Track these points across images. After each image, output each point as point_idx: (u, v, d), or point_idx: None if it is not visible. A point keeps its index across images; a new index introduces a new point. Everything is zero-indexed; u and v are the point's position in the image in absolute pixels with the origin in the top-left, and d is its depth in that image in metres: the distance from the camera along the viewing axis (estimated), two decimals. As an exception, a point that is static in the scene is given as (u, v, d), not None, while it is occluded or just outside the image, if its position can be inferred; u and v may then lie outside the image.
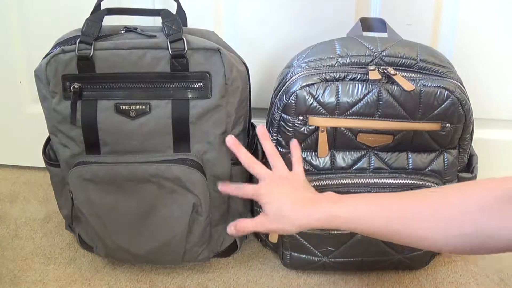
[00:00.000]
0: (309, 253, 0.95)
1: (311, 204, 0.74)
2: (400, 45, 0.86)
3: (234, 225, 0.79)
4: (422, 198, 0.66)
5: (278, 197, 0.76)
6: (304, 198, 0.76)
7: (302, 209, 0.74)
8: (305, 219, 0.73)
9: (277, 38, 1.08)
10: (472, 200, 0.60)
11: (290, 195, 0.77)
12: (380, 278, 0.98)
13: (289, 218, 0.74)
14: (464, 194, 0.62)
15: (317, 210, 0.72)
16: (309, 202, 0.74)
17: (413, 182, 0.86)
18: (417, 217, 0.64)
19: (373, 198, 0.72)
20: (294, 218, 0.73)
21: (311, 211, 0.73)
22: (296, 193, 0.77)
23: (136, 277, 0.99)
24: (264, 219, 0.76)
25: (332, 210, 0.71)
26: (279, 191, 0.77)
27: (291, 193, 0.77)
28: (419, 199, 0.66)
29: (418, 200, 0.66)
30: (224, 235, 0.98)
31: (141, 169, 0.86)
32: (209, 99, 0.86)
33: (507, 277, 0.99)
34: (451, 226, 0.61)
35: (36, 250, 1.04)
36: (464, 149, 0.89)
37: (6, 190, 1.22)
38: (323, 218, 0.72)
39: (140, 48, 0.84)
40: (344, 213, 0.70)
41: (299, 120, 0.85)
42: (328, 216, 0.71)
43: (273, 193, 0.77)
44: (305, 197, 0.76)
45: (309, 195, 0.77)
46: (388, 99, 0.82)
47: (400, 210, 0.66)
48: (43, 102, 0.88)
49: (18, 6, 1.10)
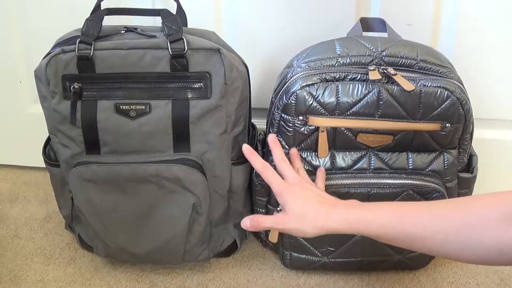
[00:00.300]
0: (309, 253, 0.95)
1: (334, 206, 0.73)
2: (400, 45, 0.86)
3: (250, 219, 0.77)
4: (448, 208, 0.65)
5: (303, 197, 0.76)
6: (328, 201, 0.75)
7: (325, 211, 0.73)
8: (326, 221, 0.72)
9: (277, 38, 1.08)
10: (493, 210, 0.60)
11: (316, 196, 0.76)
12: (380, 278, 0.98)
13: (310, 219, 0.73)
14: (486, 204, 0.61)
15: (339, 212, 0.71)
16: (333, 205, 0.74)
17: (413, 183, 0.86)
18: (444, 228, 0.63)
19: (400, 204, 0.71)
20: (317, 219, 0.72)
21: (333, 212, 0.72)
22: (322, 195, 0.77)
23: (136, 277, 0.99)
24: (283, 218, 0.75)
25: (355, 213, 0.70)
26: (303, 192, 0.77)
27: (316, 195, 0.76)
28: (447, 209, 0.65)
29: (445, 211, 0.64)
30: (224, 235, 0.98)
31: (141, 169, 0.86)
32: (209, 99, 0.86)
33: (507, 277, 0.99)
34: (473, 236, 0.60)
35: (36, 250, 1.04)
36: (464, 149, 0.89)
37: (6, 190, 1.22)
38: (343, 220, 0.70)
39: (140, 48, 0.84)
40: (370, 216, 0.69)
41: (299, 120, 0.85)
42: (349, 219, 0.70)
43: (297, 192, 0.76)
44: (329, 200, 0.75)
45: (333, 199, 0.76)
46: (388, 99, 0.82)
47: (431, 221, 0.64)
48: (43, 102, 0.88)
49: (18, 6, 1.10)
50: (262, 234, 1.02)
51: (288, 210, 0.75)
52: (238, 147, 0.93)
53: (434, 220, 0.64)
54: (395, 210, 0.68)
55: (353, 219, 0.70)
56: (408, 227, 0.65)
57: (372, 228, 0.68)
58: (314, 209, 0.73)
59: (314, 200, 0.75)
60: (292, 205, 0.75)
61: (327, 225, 0.72)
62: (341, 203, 0.74)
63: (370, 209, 0.70)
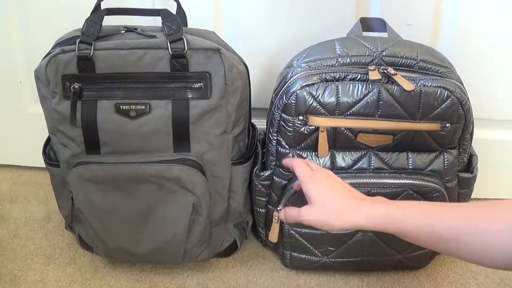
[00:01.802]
0: (309, 253, 0.95)
1: (361, 200, 0.70)
2: (400, 45, 0.86)
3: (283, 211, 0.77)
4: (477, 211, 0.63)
5: (329, 185, 0.73)
6: (355, 195, 0.72)
7: (352, 204, 0.70)
8: (353, 214, 0.69)
9: (277, 38, 1.08)
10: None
11: (342, 187, 0.73)
12: (380, 278, 0.98)
13: (336, 211, 0.70)
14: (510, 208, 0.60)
15: (366, 207, 0.69)
16: (360, 199, 0.71)
17: (413, 182, 0.86)
18: (470, 232, 0.61)
19: (429, 204, 0.69)
20: (342, 213, 0.69)
21: (360, 206, 0.69)
22: (348, 187, 0.74)
23: (136, 277, 0.99)
24: (308, 209, 0.72)
25: (383, 209, 0.67)
26: (329, 181, 0.74)
27: (342, 186, 0.74)
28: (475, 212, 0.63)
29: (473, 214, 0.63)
30: (224, 235, 0.98)
31: (141, 169, 0.86)
32: (209, 99, 0.86)
33: (507, 277, 0.99)
34: (499, 242, 0.58)
35: (36, 250, 1.04)
36: (464, 149, 0.89)
37: (6, 190, 1.22)
38: (372, 216, 0.67)
39: (140, 48, 0.84)
40: (397, 214, 0.66)
41: (299, 120, 0.85)
42: (377, 214, 0.67)
43: (322, 180, 0.74)
44: (357, 194, 0.73)
45: (359, 193, 0.73)
46: (388, 99, 0.82)
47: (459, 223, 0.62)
48: (43, 102, 0.88)
49: (18, 6, 1.10)
50: (262, 234, 1.02)
51: (313, 199, 0.72)
52: (238, 147, 0.93)
53: (462, 222, 0.62)
54: (424, 209, 0.66)
55: (382, 216, 0.67)
56: (436, 227, 0.63)
57: (400, 226, 0.66)
58: (340, 201, 0.70)
59: (340, 191, 0.72)
60: (317, 192, 0.72)
61: (353, 220, 0.69)
62: (368, 199, 0.71)
63: (398, 207, 0.68)
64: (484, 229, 0.60)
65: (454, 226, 0.62)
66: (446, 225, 0.63)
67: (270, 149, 0.90)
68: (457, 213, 0.64)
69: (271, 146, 0.90)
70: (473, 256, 0.61)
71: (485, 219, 0.60)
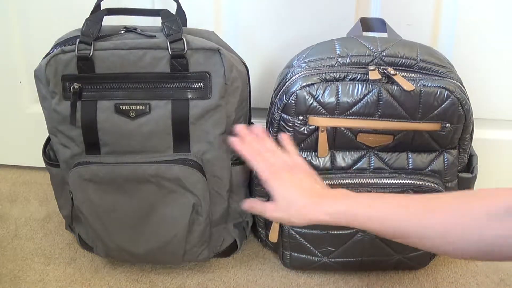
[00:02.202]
0: (309, 253, 0.95)
1: (322, 197, 0.70)
2: (400, 45, 0.86)
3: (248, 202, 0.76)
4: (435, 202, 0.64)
5: (290, 184, 0.72)
6: (317, 190, 0.72)
7: (313, 201, 0.70)
8: (314, 212, 0.69)
9: (277, 38, 1.08)
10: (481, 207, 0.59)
11: (302, 184, 0.72)
12: (380, 278, 0.98)
13: (298, 209, 0.70)
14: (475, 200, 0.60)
15: (327, 204, 0.69)
16: (321, 195, 0.71)
17: (413, 182, 0.86)
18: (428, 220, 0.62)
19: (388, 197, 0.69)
20: (304, 210, 0.69)
21: (321, 204, 0.69)
22: (308, 183, 0.73)
23: (136, 277, 0.99)
24: (271, 206, 0.72)
25: (342, 205, 0.68)
26: (290, 178, 0.73)
27: (303, 182, 0.73)
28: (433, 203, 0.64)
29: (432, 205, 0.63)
30: (224, 235, 0.98)
31: (141, 169, 0.86)
32: (209, 99, 0.86)
33: (507, 277, 0.99)
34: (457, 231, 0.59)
35: (36, 250, 1.04)
36: (464, 149, 0.89)
37: (6, 190, 1.22)
38: (336, 213, 0.67)
39: (140, 48, 0.84)
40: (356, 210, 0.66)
41: (299, 120, 0.85)
42: (337, 211, 0.67)
43: (284, 179, 0.73)
44: (318, 190, 0.72)
45: (321, 188, 0.73)
46: (388, 99, 0.82)
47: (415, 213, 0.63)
48: (43, 102, 0.88)
49: (18, 6, 1.10)
50: (262, 234, 1.02)
51: (275, 197, 0.72)
52: (238, 147, 0.93)
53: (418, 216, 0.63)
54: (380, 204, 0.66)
55: (342, 212, 0.67)
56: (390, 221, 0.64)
57: (356, 223, 0.67)
58: (302, 198, 0.70)
59: (301, 188, 0.72)
60: (279, 192, 0.72)
61: (315, 217, 0.69)
62: (330, 194, 0.71)
63: (356, 202, 0.68)
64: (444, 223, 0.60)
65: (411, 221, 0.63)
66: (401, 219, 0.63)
67: (270, 149, 0.90)
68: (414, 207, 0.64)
69: (271, 146, 0.90)
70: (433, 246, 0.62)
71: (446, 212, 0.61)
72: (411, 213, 0.64)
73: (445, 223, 0.61)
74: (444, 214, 0.61)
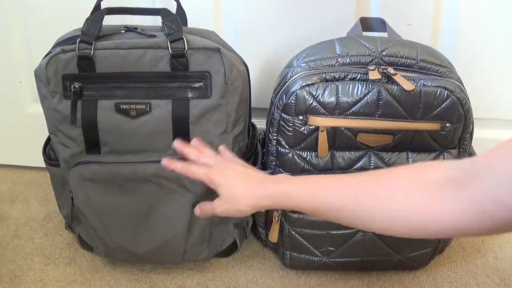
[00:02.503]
0: (309, 253, 0.95)
1: (261, 182, 0.75)
2: (400, 45, 0.86)
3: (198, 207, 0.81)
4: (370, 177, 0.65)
5: (231, 178, 0.77)
6: (256, 178, 0.77)
7: (253, 188, 0.74)
8: (255, 198, 0.74)
9: (277, 38, 1.08)
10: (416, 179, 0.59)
11: (243, 175, 0.77)
12: (380, 278, 0.98)
13: (241, 198, 0.75)
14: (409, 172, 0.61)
15: (265, 188, 0.73)
16: (260, 181, 0.75)
17: (413, 182, 0.86)
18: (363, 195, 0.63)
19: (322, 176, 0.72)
20: (246, 198, 0.74)
21: (260, 189, 0.74)
22: (249, 174, 0.78)
23: (136, 277, 0.99)
24: (218, 201, 0.77)
25: (278, 187, 0.72)
26: (231, 173, 0.78)
27: (243, 173, 0.78)
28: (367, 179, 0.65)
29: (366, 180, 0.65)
30: (224, 235, 0.98)
31: (141, 169, 0.86)
32: (209, 99, 0.86)
33: (507, 277, 0.99)
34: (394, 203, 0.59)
35: (36, 250, 1.04)
36: (464, 149, 0.89)
37: (6, 190, 1.22)
38: (270, 196, 0.72)
39: (140, 47, 0.84)
40: (289, 189, 0.71)
41: (299, 120, 0.85)
42: (274, 193, 0.72)
43: (225, 175, 0.77)
44: (257, 177, 0.77)
45: (262, 175, 0.78)
46: (388, 99, 0.82)
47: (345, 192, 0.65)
48: (43, 102, 0.88)
49: (18, 6, 1.10)
50: (262, 234, 1.02)
51: (220, 193, 0.76)
52: (238, 147, 0.93)
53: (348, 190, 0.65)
54: (314, 182, 0.70)
55: (277, 194, 0.72)
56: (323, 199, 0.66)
57: (292, 202, 0.70)
58: (243, 187, 0.75)
59: (241, 178, 0.76)
60: (222, 188, 0.76)
61: (257, 202, 0.74)
62: (270, 179, 0.76)
63: (291, 183, 0.72)
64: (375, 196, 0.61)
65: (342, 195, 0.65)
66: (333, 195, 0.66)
67: (270, 149, 0.90)
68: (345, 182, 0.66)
69: (271, 146, 0.90)
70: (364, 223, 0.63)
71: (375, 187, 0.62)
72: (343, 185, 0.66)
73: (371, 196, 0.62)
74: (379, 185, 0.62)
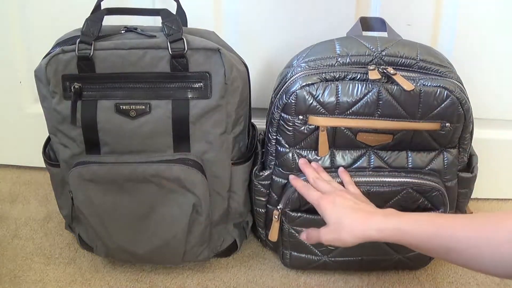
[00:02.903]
0: (309, 253, 0.95)
1: (374, 215, 0.73)
2: (400, 45, 0.86)
3: (305, 233, 0.81)
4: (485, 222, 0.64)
5: (340, 206, 0.76)
6: (367, 209, 0.76)
7: (366, 219, 0.73)
8: (366, 228, 0.72)
9: (277, 38, 1.08)
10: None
11: (353, 205, 0.76)
12: (380, 278, 0.98)
13: (348, 228, 0.73)
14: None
15: (380, 221, 0.72)
16: (374, 213, 0.74)
17: (413, 181, 0.86)
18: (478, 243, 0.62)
19: (432, 216, 0.71)
20: (355, 228, 0.73)
21: (374, 221, 0.72)
22: (359, 204, 0.77)
23: (136, 277, 0.99)
24: (324, 229, 0.76)
25: (392, 222, 0.70)
26: (341, 202, 0.77)
27: (354, 204, 0.77)
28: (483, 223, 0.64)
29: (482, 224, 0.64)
30: (224, 235, 0.98)
31: (141, 169, 0.86)
32: (209, 99, 0.86)
33: (507, 277, 0.99)
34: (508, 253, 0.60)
35: (36, 250, 1.04)
36: (464, 148, 0.89)
37: (6, 190, 1.22)
38: (385, 230, 0.70)
39: (140, 48, 0.84)
40: (406, 227, 0.69)
41: (299, 119, 0.85)
42: (391, 229, 0.70)
43: (335, 203, 0.77)
44: (368, 209, 0.76)
45: (372, 208, 0.77)
46: (388, 99, 0.82)
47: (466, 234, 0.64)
48: (43, 102, 0.88)
49: (18, 6, 1.10)
50: (262, 234, 1.02)
51: (327, 220, 0.76)
52: (238, 147, 0.93)
53: (469, 233, 0.64)
54: (432, 221, 0.69)
55: (391, 229, 0.70)
56: (443, 239, 0.65)
57: (409, 238, 0.69)
58: (351, 217, 0.74)
59: (351, 208, 0.76)
60: (330, 214, 0.76)
61: (365, 234, 0.72)
62: (379, 212, 0.75)
63: (408, 219, 0.70)
64: (495, 241, 0.61)
65: (462, 238, 0.64)
66: (453, 236, 0.65)
67: (269, 148, 0.90)
68: (465, 225, 0.65)
69: (270, 145, 0.90)
70: (483, 267, 0.63)
71: (495, 231, 0.61)
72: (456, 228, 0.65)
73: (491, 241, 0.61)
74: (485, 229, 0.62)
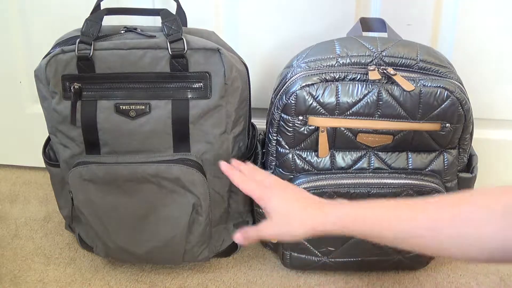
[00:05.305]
0: (309, 253, 0.95)
1: (329, 205, 0.68)
2: (400, 45, 0.86)
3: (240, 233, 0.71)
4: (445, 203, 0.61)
5: (285, 197, 0.70)
6: (317, 201, 0.69)
7: (317, 209, 0.67)
8: (320, 220, 0.66)
9: (277, 38, 1.08)
10: (497, 205, 0.55)
11: (300, 197, 0.71)
12: (380, 278, 0.98)
13: (298, 219, 0.67)
14: (490, 198, 0.57)
15: (333, 211, 0.66)
16: (326, 203, 0.68)
17: (413, 182, 0.86)
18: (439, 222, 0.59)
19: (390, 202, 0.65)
20: (306, 219, 0.67)
21: (329, 211, 0.66)
22: (306, 196, 0.71)
23: (136, 277, 0.99)
24: (267, 224, 0.69)
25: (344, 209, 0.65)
26: (285, 193, 0.71)
27: (301, 195, 0.71)
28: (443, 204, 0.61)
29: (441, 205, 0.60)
30: (224, 235, 0.98)
31: (141, 169, 0.86)
32: (209, 99, 0.86)
33: (507, 277, 0.99)
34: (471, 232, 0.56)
35: (36, 250, 1.05)
36: (464, 149, 0.89)
37: (6, 190, 1.22)
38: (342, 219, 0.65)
39: (140, 48, 0.84)
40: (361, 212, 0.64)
41: (299, 120, 0.85)
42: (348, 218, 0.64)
43: (278, 194, 0.71)
44: (317, 200, 0.70)
45: (319, 199, 0.70)
46: (388, 99, 0.82)
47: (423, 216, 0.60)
48: (43, 102, 0.88)
49: (18, 6, 1.10)
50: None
51: (271, 213, 0.69)
52: (238, 147, 0.93)
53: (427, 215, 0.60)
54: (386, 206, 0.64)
55: (345, 217, 0.65)
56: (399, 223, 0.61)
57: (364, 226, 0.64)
58: (300, 209, 0.68)
59: (298, 199, 0.70)
60: (274, 206, 0.69)
61: (317, 225, 0.66)
62: (329, 203, 0.69)
63: (361, 207, 0.65)
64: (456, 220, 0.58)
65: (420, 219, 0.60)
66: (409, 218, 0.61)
67: (270, 149, 0.90)
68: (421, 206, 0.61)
69: (270, 146, 0.90)
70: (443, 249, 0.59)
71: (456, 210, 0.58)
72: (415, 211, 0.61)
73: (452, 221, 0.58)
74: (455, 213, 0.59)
